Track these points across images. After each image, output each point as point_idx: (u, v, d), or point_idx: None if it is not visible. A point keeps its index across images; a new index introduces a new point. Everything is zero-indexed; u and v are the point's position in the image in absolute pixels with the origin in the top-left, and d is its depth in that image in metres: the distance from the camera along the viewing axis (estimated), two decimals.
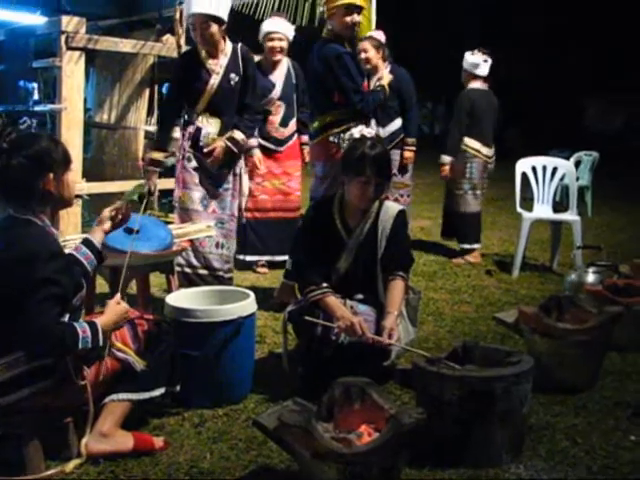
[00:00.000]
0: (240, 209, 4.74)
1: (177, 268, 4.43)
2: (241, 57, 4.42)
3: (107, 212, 3.00)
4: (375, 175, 3.42)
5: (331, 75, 4.47)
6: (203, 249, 4.50)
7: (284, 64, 5.52)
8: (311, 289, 3.44)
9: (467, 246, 6.67)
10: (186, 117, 4.57)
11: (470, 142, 6.57)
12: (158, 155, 4.49)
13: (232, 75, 4.38)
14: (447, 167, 6.57)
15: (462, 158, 6.57)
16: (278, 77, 5.49)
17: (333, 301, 3.39)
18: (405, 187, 6.37)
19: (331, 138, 4.50)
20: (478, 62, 6.57)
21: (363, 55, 5.94)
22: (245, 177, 4.78)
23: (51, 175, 2.64)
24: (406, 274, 3.54)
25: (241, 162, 4.65)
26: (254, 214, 5.68)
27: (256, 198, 5.64)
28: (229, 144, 4.41)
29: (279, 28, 5.40)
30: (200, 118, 4.42)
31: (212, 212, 4.50)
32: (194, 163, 4.46)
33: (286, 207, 5.67)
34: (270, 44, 5.37)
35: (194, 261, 4.51)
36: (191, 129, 4.46)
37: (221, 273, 4.59)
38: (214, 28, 4.24)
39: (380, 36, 6.20)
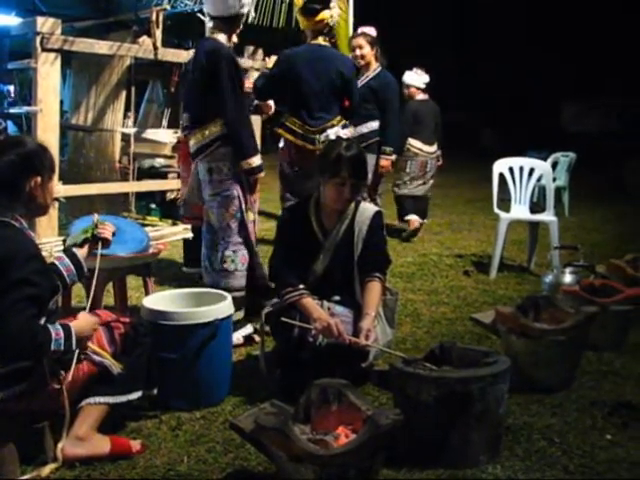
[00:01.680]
0: None
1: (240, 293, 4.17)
2: None
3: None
4: (351, 176, 3.43)
5: (353, 82, 5.04)
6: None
7: None
8: (287, 291, 3.43)
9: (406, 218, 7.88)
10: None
11: (414, 142, 7.85)
12: (259, 159, 4.10)
13: None
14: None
15: (404, 156, 7.74)
16: None
17: (310, 302, 3.39)
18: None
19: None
20: (420, 79, 7.97)
21: (358, 52, 6.37)
22: None
23: (38, 178, 2.64)
24: (383, 275, 3.54)
25: None
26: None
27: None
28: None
29: None
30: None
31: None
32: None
33: None
34: None
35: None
36: None
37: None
38: None
39: (373, 32, 6.34)
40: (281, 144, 5.16)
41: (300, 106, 4.93)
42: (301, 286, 3.44)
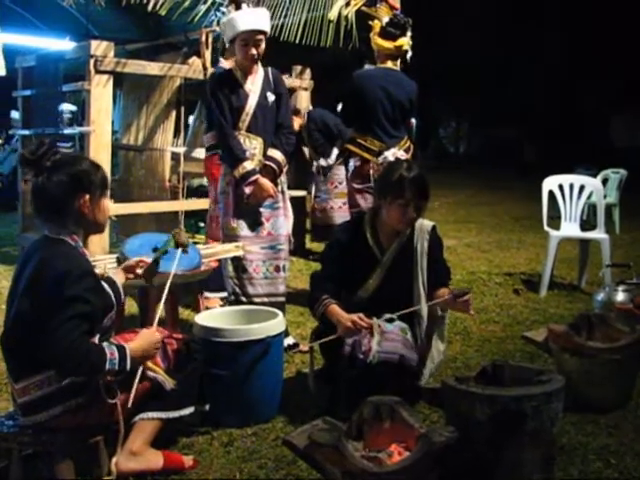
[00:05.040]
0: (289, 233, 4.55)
1: (230, 297, 4.31)
2: (272, 78, 4.40)
3: (132, 262, 3.10)
4: (415, 197, 3.44)
5: (416, 105, 5.25)
6: (258, 275, 4.30)
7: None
8: (314, 307, 3.48)
9: None
10: None
11: None
12: (249, 164, 4.22)
13: (268, 93, 4.33)
14: None
15: None
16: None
17: (333, 309, 3.40)
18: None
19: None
20: None
21: None
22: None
23: (87, 196, 2.68)
24: (447, 287, 3.60)
25: (285, 181, 4.52)
26: None
27: None
28: (270, 164, 4.28)
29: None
30: (242, 139, 4.28)
31: (267, 235, 4.33)
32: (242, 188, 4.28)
33: None
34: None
35: (250, 289, 4.30)
36: None
37: (281, 298, 4.41)
38: (264, 43, 4.24)
39: None
40: (357, 163, 5.23)
41: (374, 125, 5.12)
42: (324, 296, 3.45)
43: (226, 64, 5.27)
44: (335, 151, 7.43)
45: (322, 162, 7.39)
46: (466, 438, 2.60)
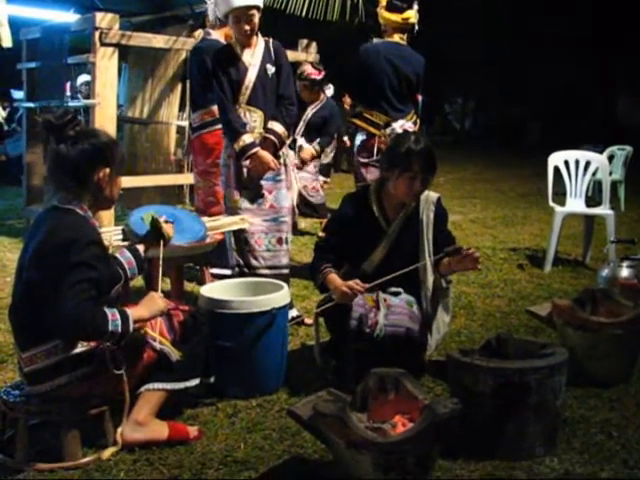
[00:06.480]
0: (292, 205, 4.55)
1: (234, 270, 4.29)
2: (273, 49, 4.35)
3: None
4: (422, 170, 3.44)
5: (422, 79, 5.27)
6: (260, 247, 4.30)
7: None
8: (316, 277, 3.51)
9: None
10: None
11: None
12: (248, 137, 4.19)
13: (268, 66, 4.29)
14: None
15: None
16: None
17: (331, 277, 3.42)
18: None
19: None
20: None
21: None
22: (292, 170, 4.62)
23: (107, 170, 2.70)
24: None
25: (290, 153, 4.51)
26: None
27: None
28: (270, 136, 4.25)
29: None
30: (242, 112, 4.26)
31: (270, 207, 4.31)
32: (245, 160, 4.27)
33: None
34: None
35: (253, 261, 4.30)
36: None
37: (285, 271, 4.39)
38: (257, 17, 4.20)
39: None
40: (363, 137, 5.22)
41: (381, 99, 5.12)
42: (324, 265, 3.48)
43: (215, 34, 5.28)
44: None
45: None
46: (470, 410, 2.62)
